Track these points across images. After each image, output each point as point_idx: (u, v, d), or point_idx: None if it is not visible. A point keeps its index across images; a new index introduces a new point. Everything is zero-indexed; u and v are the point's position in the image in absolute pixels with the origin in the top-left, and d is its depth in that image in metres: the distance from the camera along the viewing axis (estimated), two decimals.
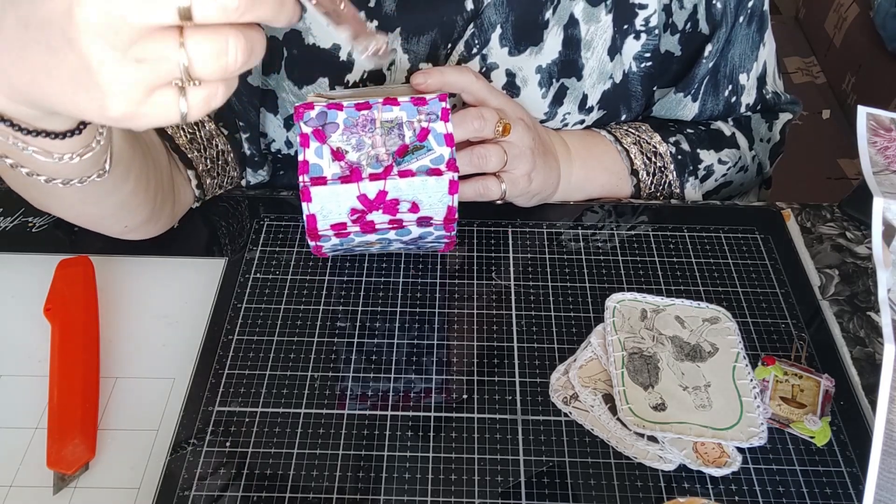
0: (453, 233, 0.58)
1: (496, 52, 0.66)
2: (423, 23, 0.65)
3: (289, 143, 0.70)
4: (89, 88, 0.34)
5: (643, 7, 0.67)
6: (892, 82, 1.48)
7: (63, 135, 0.43)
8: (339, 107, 0.55)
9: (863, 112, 0.53)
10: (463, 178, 0.60)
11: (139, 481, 0.49)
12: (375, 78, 0.66)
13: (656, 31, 0.68)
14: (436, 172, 0.54)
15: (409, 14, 0.64)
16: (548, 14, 0.66)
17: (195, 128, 0.64)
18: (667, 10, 0.68)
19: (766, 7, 0.72)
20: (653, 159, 0.71)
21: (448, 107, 0.56)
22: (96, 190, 0.50)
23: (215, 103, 0.36)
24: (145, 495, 0.49)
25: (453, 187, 0.54)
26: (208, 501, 0.48)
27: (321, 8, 0.38)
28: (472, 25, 0.65)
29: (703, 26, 0.69)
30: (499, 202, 0.64)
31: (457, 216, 0.56)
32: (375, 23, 0.65)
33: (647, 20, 0.68)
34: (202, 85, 0.35)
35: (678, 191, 0.73)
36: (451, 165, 0.54)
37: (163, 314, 0.59)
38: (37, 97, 0.38)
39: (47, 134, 0.42)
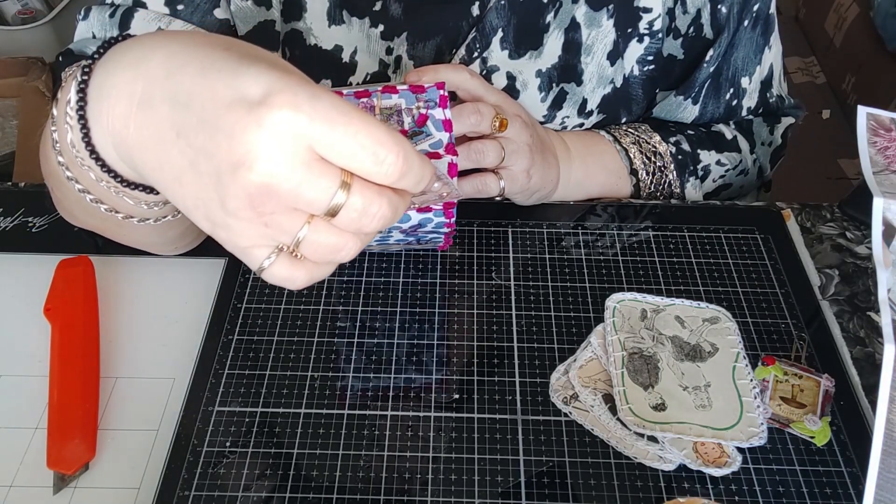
0: (453, 219, 0.58)
1: (496, 55, 0.66)
2: (428, 28, 0.65)
3: None
4: (208, 213, 0.36)
5: (647, 11, 0.67)
6: (892, 82, 1.48)
7: (157, 190, 0.43)
8: (339, 95, 0.55)
9: (863, 112, 0.53)
10: (461, 175, 0.60)
11: (139, 481, 0.49)
12: (379, 81, 0.66)
13: (659, 35, 0.68)
14: (435, 156, 0.54)
15: (415, 19, 0.64)
16: (549, 17, 0.66)
17: None
18: (670, 13, 0.68)
19: (773, 10, 0.71)
20: (652, 159, 0.71)
21: (446, 94, 0.56)
22: (165, 224, 0.50)
23: (291, 285, 0.38)
24: (145, 495, 0.49)
25: (452, 170, 0.54)
26: (208, 501, 0.48)
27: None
28: (474, 30, 0.64)
29: (708, 31, 0.69)
30: (498, 198, 0.64)
31: (456, 201, 0.56)
32: (381, 27, 0.65)
33: (650, 24, 0.68)
34: (300, 261, 0.37)
35: (678, 190, 0.73)
36: (450, 149, 0.54)
37: (163, 314, 0.59)
38: (150, 180, 0.38)
39: (144, 188, 0.43)
